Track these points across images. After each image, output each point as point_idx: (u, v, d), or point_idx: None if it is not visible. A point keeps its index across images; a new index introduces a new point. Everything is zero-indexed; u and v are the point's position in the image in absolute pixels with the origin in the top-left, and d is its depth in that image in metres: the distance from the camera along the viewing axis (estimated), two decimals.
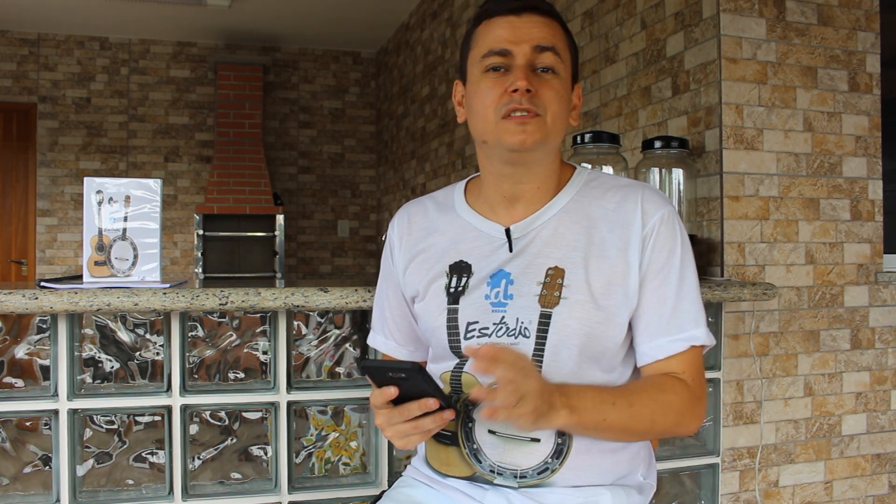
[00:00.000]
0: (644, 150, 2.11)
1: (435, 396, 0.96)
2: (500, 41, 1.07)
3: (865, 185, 2.20)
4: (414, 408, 0.96)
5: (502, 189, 1.12)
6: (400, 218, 1.24)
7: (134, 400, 1.53)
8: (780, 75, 2.10)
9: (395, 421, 0.98)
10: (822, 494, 2.16)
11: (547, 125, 1.05)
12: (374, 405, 1.00)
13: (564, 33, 1.11)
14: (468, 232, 1.15)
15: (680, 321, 1.07)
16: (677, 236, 1.09)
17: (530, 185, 1.11)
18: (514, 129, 1.04)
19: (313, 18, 5.41)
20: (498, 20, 1.08)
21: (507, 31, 1.07)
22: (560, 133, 1.09)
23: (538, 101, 1.04)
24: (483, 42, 1.09)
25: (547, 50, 1.06)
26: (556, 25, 1.10)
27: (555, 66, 1.07)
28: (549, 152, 1.10)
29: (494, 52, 1.07)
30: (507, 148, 1.06)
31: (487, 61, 1.07)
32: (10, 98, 5.53)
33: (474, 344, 1.08)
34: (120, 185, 1.55)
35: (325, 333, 1.65)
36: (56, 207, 5.61)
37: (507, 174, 1.11)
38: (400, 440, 1.00)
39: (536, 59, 1.06)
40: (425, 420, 0.97)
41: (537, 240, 1.10)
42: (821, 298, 2.15)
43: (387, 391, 0.96)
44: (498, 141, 1.07)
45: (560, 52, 1.08)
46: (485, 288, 1.10)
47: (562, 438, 1.06)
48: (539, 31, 1.07)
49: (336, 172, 6.26)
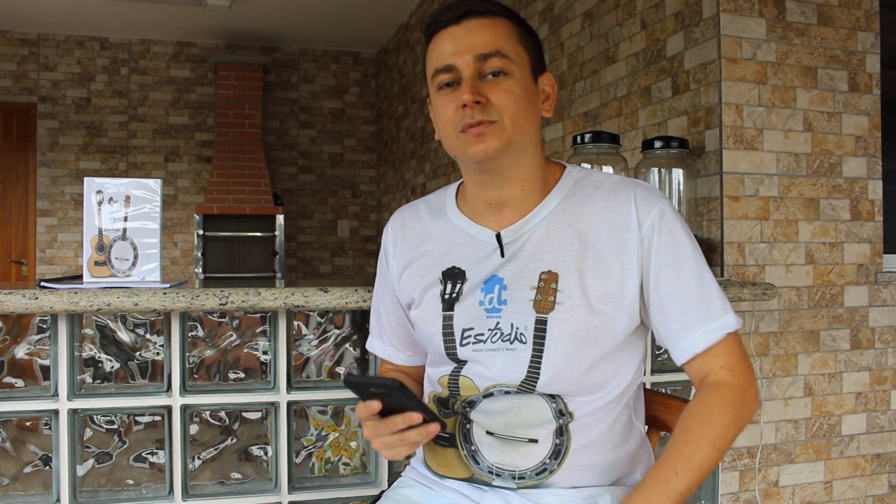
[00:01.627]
0: (644, 150, 2.11)
1: (417, 411, 0.97)
2: (443, 57, 1.06)
3: (865, 185, 2.20)
4: (398, 421, 0.98)
5: (486, 196, 1.12)
6: (394, 224, 1.23)
7: (134, 400, 1.53)
8: (780, 75, 2.10)
9: (381, 433, 1.00)
10: (821, 494, 2.16)
11: (506, 129, 1.04)
12: (359, 417, 1.02)
13: (514, 26, 1.08)
14: (460, 238, 1.14)
15: (709, 309, 1.04)
16: (679, 228, 1.07)
17: (513, 188, 1.10)
18: (472, 141, 1.04)
19: (313, 18, 5.41)
20: (441, 34, 1.08)
21: (449, 45, 1.06)
22: (525, 132, 1.07)
23: (491, 109, 1.03)
24: (431, 60, 1.09)
25: (491, 56, 1.04)
26: (501, 23, 1.07)
27: (503, 67, 1.05)
28: (522, 153, 1.08)
29: (440, 69, 1.07)
30: (472, 160, 1.07)
31: (437, 79, 1.07)
32: (10, 98, 5.53)
33: (470, 350, 1.08)
34: (120, 185, 1.55)
35: (325, 333, 1.65)
36: (56, 207, 5.61)
37: (486, 182, 1.10)
38: (387, 451, 1.01)
39: (482, 66, 1.04)
40: (411, 433, 0.98)
41: (528, 244, 1.09)
42: (821, 298, 2.15)
43: (370, 405, 0.98)
44: (463, 155, 1.07)
45: (507, 52, 1.05)
46: (479, 294, 1.09)
47: (560, 439, 1.06)
48: (480, 36, 1.05)
49: (336, 172, 6.25)
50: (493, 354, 1.06)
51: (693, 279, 1.05)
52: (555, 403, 1.06)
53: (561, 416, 1.06)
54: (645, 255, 1.05)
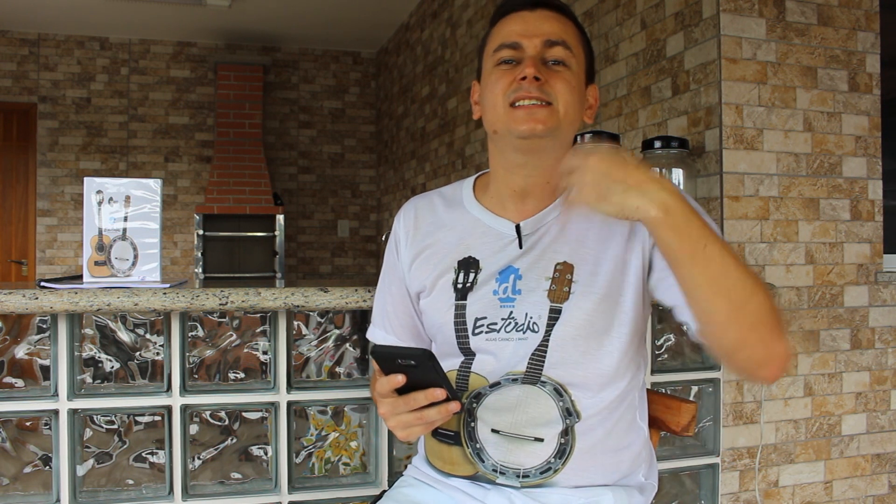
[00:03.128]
0: (644, 150, 2.11)
1: (442, 386, 0.95)
2: (511, 35, 1.08)
3: (865, 185, 2.20)
4: (420, 397, 0.95)
5: (513, 183, 1.12)
6: (406, 212, 1.23)
7: (134, 400, 1.53)
8: (780, 75, 2.10)
9: (399, 410, 0.97)
10: (821, 494, 2.16)
11: (559, 114, 1.05)
12: (379, 393, 0.99)
13: (578, 31, 1.12)
14: (477, 228, 1.15)
15: None
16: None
17: (540, 178, 1.11)
18: (522, 116, 1.04)
19: (313, 18, 5.41)
20: (511, 16, 1.10)
21: (518, 26, 1.08)
22: (572, 126, 1.09)
23: (548, 90, 1.04)
24: (496, 37, 1.11)
25: (557, 44, 1.06)
26: (569, 23, 1.10)
27: (565, 59, 1.07)
28: (561, 144, 1.09)
29: (506, 45, 1.08)
30: (516, 136, 1.06)
31: (499, 54, 1.08)
32: (10, 98, 5.53)
33: (482, 340, 1.08)
34: (120, 185, 1.55)
35: (325, 333, 1.65)
36: (56, 207, 5.61)
37: (518, 164, 1.10)
38: (402, 431, 0.98)
39: (547, 52, 1.07)
40: (430, 411, 0.96)
41: (546, 236, 1.10)
42: (821, 298, 2.15)
43: (393, 379, 0.95)
44: (507, 129, 1.06)
45: (572, 47, 1.08)
46: (493, 283, 1.10)
47: (565, 439, 1.06)
48: (550, 25, 1.08)
49: (336, 172, 6.26)
50: (506, 344, 1.07)
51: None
52: (562, 402, 1.06)
53: (568, 416, 1.06)
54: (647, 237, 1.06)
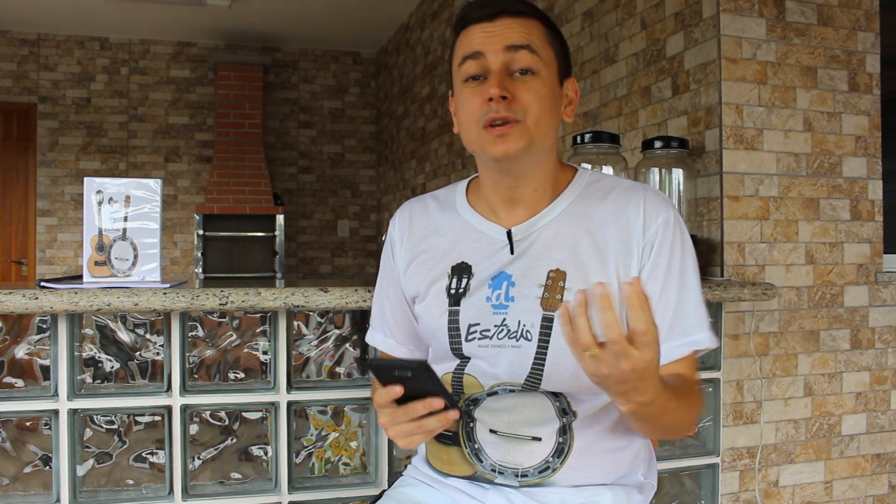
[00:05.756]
0: (644, 151, 2.11)
1: (440, 396, 0.95)
2: (472, 45, 1.06)
3: (865, 185, 2.20)
4: (419, 407, 0.95)
5: (501, 192, 1.12)
6: (401, 216, 1.23)
7: (134, 400, 1.53)
8: (780, 75, 2.10)
9: (398, 420, 0.97)
10: (822, 494, 2.16)
11: (529, 130, 1.04)
12: (377, 404, 0.99)
13: (545, 29, 1.09)
14: (469, 233, 1.15)
15: (683, 326, 1.06)
16: (679, 240, 1.08)
17: (527, 188, 1.11)
18: (493, 140, 1.04)
19: (313, 18, 5.41)
20: (473, 28, 1.08)
21: (480, 36, 1.07)
22: (546, 135, 1.07)
23: (516, 107, 1.03)
24: (459, 49, 1.09)
25: (521, 48, 1.04)
26: (533, 23, 1.08)
27: (531, 65, 1.05)
28: (540, 155, 1.09)
29: (468, 56, 1.07)
30: (491, 158, 1.06)
31: (464, 68, 1.07)
32: (10, 98, 5.53)
33: (475, 346, 1.08)
34: (120, 185, 1.55)
35: (325, 333, 1.65)
36: (56, 207, 5.61)
37: (501, 180, 1.11)
38: (403, 440, 0.99)
39: (512, 61, 1.05)
40: (429, 420, 0.96)
41: (538, 242, 1.10)
42: (821, 298, 2.15)
43: (392, 390, 0.95)
44: (482, 151, 1.06)
45: (537, 49, 1.06)
46: (486, 290, 1.09)
47: (563, 437, 1.06)
48: (512, 31, 1.06)
49: (336, 172, 6.25)
50: (499, 351, 1.06)
51: (674, 294, 1.06)
52: (558, 402, 1.06)
53: (564, 415, 1.06)
54: (644, 258, 1.07)
